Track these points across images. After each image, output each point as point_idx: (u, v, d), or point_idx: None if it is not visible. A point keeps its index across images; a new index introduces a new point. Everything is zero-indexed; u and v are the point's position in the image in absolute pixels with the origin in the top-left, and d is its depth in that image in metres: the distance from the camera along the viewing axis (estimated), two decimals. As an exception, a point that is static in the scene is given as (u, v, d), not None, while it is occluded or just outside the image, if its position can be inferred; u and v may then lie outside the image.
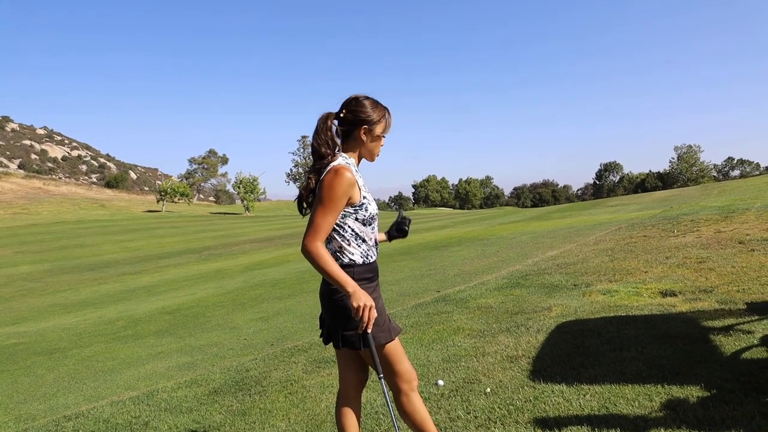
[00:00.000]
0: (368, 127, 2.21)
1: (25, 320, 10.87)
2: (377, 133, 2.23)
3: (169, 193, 63.99)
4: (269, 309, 8.45)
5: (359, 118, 2.21)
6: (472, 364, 3.89)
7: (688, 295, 5.02)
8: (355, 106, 2.22)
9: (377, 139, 2.25)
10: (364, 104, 2.22)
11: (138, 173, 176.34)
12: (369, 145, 2.25)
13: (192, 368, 5.41)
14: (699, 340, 3.70)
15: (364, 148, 2.25)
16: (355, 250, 2.18)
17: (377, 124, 2.23)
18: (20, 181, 68.68)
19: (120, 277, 16.58)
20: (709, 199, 19.01)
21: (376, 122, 2.22)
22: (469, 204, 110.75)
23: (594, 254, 8.21)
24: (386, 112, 2.26)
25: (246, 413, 3.64)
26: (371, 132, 2.22)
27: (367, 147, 2.26)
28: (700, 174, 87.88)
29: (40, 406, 4.90)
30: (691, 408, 2.72)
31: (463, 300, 6.24)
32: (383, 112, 2.25)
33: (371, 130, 2.22)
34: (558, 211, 28.68)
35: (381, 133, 2.25)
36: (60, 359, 6.89)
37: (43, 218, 47.32)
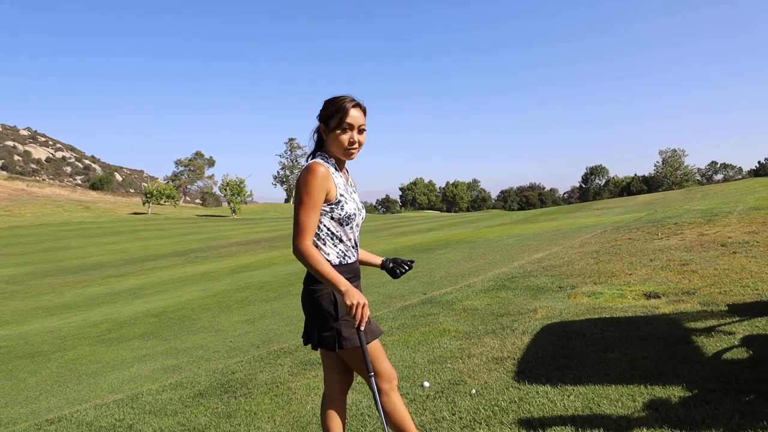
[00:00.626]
0: (323, 125, 2.22)
1: (6, 323, 10.71)
2: (332, 126, 2.19)
3: (155, 196, 63.43)
4: (255, 311, 8.41)
5: (318, 117, 2.24)
6: (457, 366, 3.90)
7: (671, 296, 5.09)
8: (321, 107, 2.25)
9: (335, 133, 2.18)
10: (324, 102, 2.23)
11: (123, 175, 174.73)
12: (330, 140, 2.21)
13: (177, 371, 5.37)
14: (681, 341, 3.75)
15: (330, 145, 2.22)
16: (330, 251, 2.19)
17: (331, 118, 2.19)
18: (3, 183, 67.73)
19: (105, 280, 16.40)
20: (693, 202, 19.27)
21: (329, 116, 2.19)
22: (456, 207, 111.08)
23: (579, 257, 8.28)
24: (344, 103, 2.18)
25: (231, 415, 3.62)
26: (327, 127, 2.21)
27: (330, 143, 2.22)
28: (684, 178, 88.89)
29: (22, 410, 4.83)
30: (673, 408, 2.76)
31: (449, 302, 6.26)
32: (339, 104, 2.18)
33: (327, 124, 2.21)
34: (544, 214, 28.88)
35: (337, 125, 2.17)
36: (43, 362, 6.80)
37: (26, 220, 46.69)
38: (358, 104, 2.21)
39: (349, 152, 2.22)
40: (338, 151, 2.22)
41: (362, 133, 2.23)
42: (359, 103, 2.22)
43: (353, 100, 2.21)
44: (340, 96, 2.21)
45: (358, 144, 2.21)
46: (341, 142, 2.19)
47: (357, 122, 2.20)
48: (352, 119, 2.18)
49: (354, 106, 2.19)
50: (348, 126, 2.18)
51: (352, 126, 2.19)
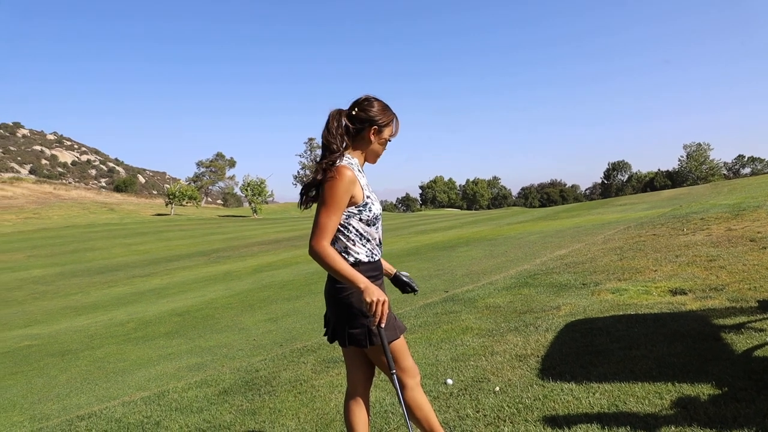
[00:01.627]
0: (377, 128, 2.24)
1: (37, 323, 10.98)
2: (385, 135, 2.27)
3: (177, 197, 64.32)
4: (278, 310, 8.49)
5: (370, 119, 2.22)
6: (480, 363, 3.89)
7: (699, 293, 4.99)
8: (366, 105, 2.24)
9: (384, 141, 2.29)
10: (375, 105, 2.24)
11: (146, 177, 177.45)
12: (375, 146, 2.28)
13: (202, 369, 5.44)
14: (710, 338, 3.68)
15: (371, 149, 2.28)
16: (360, 249, 2.20)
17: (386, 126, 2.26)
18: (31, 186, 69.33)
19: (130, 280, 16.70)
20: (720, 197, 18.87)
21: (385, 125, 2.25)
22: (476, 205, 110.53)
23: (602, 253, 8.17)
24: (395, 117, 2.29)
25: (256, 413, 3.66)
26: (380, 133, 2.25)
27: (373, 148, 2.28)
28: (709, 172, 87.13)
29: (54, 407, 4.95)
30: (702, 406, 2.71)
31: (471, 300, 6.24)
32: (392, 116, 2.28)
33: (380, 131, 2.25)
34: (566, 211, 28.57)
35: (388, 136, 2.28)
36: (72, 360, 6.95)
37: (54, 222, 47.75)
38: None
39: (377, 160, 2.36)
40: (371, 157, 2.32)
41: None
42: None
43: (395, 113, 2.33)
44: (389, 106, 2.30)
45: None
46: (380, 150, 2.32)
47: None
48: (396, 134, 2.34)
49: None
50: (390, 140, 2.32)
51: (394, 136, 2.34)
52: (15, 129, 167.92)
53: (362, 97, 2.26)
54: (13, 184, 68.61)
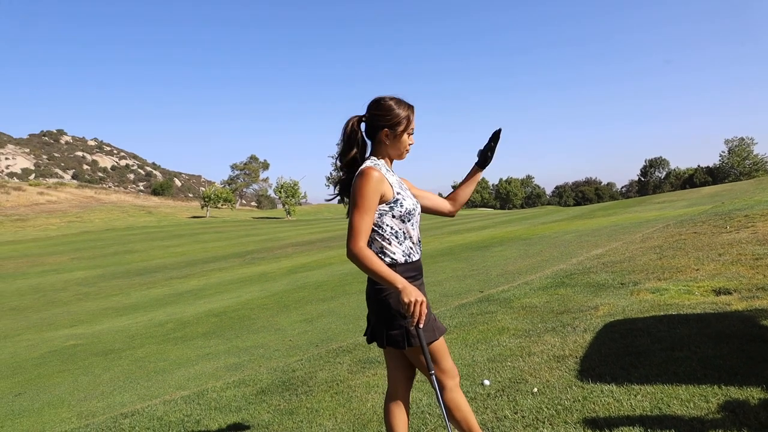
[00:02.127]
0: (389, 130, 2.23)
1: (81, 323, 11.34)
2: (400, 130, 2.24)
3: (212, 199, 65.52)
4: (313, 311, 8.56)
5: (380, 122, 2.23)
6: (518, 364, 3.84)
7: (744, 293, 4.82)
8: (375, 109, 2.25)
9: (400, 138, 2.25)
10: (384, 106, 2.23)
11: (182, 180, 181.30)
12: (394, 145, 2.26)
13: (239, 369, 5.53)
14: (758, 340, 3.55)
15: (390, 149, 2.27)
16: (396, 249, 2.20)
17: (398, 125, 2.23)
18: (74, 191, 71.63)
19: (168, 282, 17.09)
20: (765, 193, 18.20)
21: (397, 123, 2.23)
22: (509, 204, 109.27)
23: (641, 252, 7.98)
24: (410, 111, 2.26)
25: (293, 412, 3.70)
26: (393, 133, 2.24)
27: (392, 147, 2.27)
28: (753, 167, 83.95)
29: (99, 404, 5.10)
30: (753, 410, 2.62)
31: (506, 300, 6.17)
32: (406, 111, 2.24)
33: (393, 131, 2.24)
34: (602, 209, 27.98)
35: (405, 129, 2.25)
36: (115, 360, 7.15)
37: (95, 226, 49.24)
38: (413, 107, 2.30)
39: (407, 152, 2.32)
40: (395, 155, 2.29)
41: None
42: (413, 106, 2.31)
43: (410, 103, 2.29)
44: (393, 98, 2.26)
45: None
46: (404, 144, 2.28)
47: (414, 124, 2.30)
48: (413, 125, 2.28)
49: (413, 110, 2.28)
50: (412, 130, 2.28)
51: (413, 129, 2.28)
52: (58, 136, 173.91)
53: (373, 100, 2.28)
54: (57, 189, 71.07)
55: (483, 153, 2.48)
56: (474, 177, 2.53)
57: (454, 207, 2.53)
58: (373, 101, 2.27)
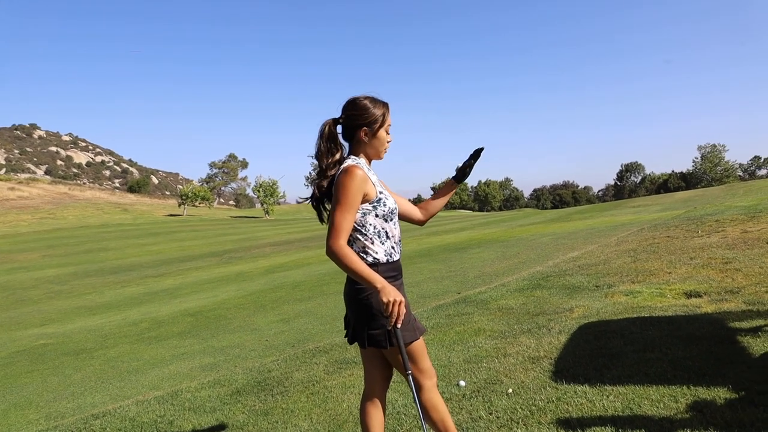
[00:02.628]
0: (367, 128, 2.23)
1: (52, 322, 11.10)
2: (376, 129, 2.24)
3: (190, 197, 64.71)
4: (290, 311, 8.51)
5: (357, 122, 2.23)
6: (493, 365, 3.88)
7: (714, 296, 4.94)
8: (352, 109, 2.24)
9: (378, 137, 2.25)
10: (360, 106, 2.23)
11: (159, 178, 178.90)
12: (372, 144, 2.26)
13: (215, 369, 5.47)
14: (726, 342, 3.64)
15: (369, 147, 2.27)
16: (378, 248, 2.20)
17: (375, 122, 2.23)
18: (47, 187, 70.16)
19: (143, 280, 16.84)
20: (735, 198, 18.65)
21: (374, 121, 2.23)
22: (488, 206, 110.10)
23: (616, 255, 8.11)
24: (385, 109, 2.26)
25: (268, 413, 3.67)
26: (371, 132, 2.24)
27: (371, 146, 2.27)
28: (724, 174, 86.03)
29: (69, 405, 5.00)
30: (719, 410, 2.68)
31: (483, 301, 6.22)
32: (381, 109, 2.24)
33: (371, 130, 2.23)
34: (578, 213, 28.37)
35: (380, 127, 2.24)
36: (86, 359, 7.02)
37: (68, 222, 48.28)
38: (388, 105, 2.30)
39: (385, 151, 2.31)
40: (373, 154, 2.28)
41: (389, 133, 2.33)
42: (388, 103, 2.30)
43: (384, 101, 2.28)
44: (368, 97, 2.25)
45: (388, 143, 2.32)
46: (382, 142, 2.27)
47: (391, 122, 2.30)
48: (390, 120, 2.28)
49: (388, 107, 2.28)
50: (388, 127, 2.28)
51: (389, 126, 2.28)
52: (31, 130, 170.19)
53: (348, 100, 2.27)
54: (29, 184, 69.49)
55: (462, 168, 2.49)
56: (449, 190, 2.53)
57: (425, 216, 2.52)
58: (348, 102, 2.27)
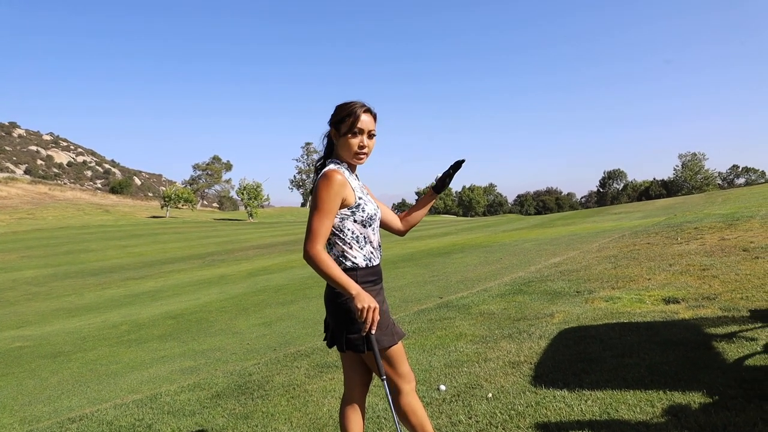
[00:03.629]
0: (334, 128, 2.24)
1: (29, 324, 10.92)
2: (343, 131, 2.21)
3: (173, 199, 64.11)
4: (272, 314, 8.47)
5: (329, 122, 2.26)
6: (474, 370, 3.90)
7: (691, 302, 5.02)
8: (332, 113, 2.27)
9: (345, 137, 2.20)
10: (337, 107, 2.25)
11: (142, 179, 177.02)
12: (341, 145, 2.23)
13: (195, 372, 5.42)
14: (701, 347, 3.70)
15: (340, 149, 2.24)
16: (357, 253, 2.20)
17: (341, 122, 2.21)
18: (26, 187, 69.04)
19: (124, 282, 16.64)
20: (714, 206, 18.97)
21: (340, 121, 2.21)
22: (472, 211, 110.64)
23: (597, 261, 8.20)
24: (355, 107, 2.20)
25: (248, 417, 3.65)
26: (338, 130, 2.22)
27: (341, 147, 2.23)
28: (704, 182, 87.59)
29: (45, 409, 4.92)
30: (693, 414, 2.73)
31: (465, 306, 6.25)
32: (350, 109, 2.20)
33: (338, 129, 2.23)
34: (561, 219, 28.65)
35: (346, 131, 2.19)
36: (64, 362, 6.91)
37: (48, 223, 47.53)
38: (368, 109, 2.24)
39: (359, 157, 2.24)
40: (348, 156, 2.24)
41: (372, 138, 2.26)
42: (370, 108, 2.25)
43: (364, 105, 2.24)
44: (351, 101, 2.24)
45: (367, 149, 2.24)
46: (351, 146, 2.21)
47: (367, 127, 2.22)
48: (363, 124, 2.20)
49: (365, 111, 2.22)
50: (358, 130, 2.20)
51: (362, 130, 2.21)
52: (11, 129, 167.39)
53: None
54: (7, 184, 68.31)
55: (441, 179, 2.49)
56: (429, 200, 2.53)
57: (405, 227, 2.52)
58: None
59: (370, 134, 2.24)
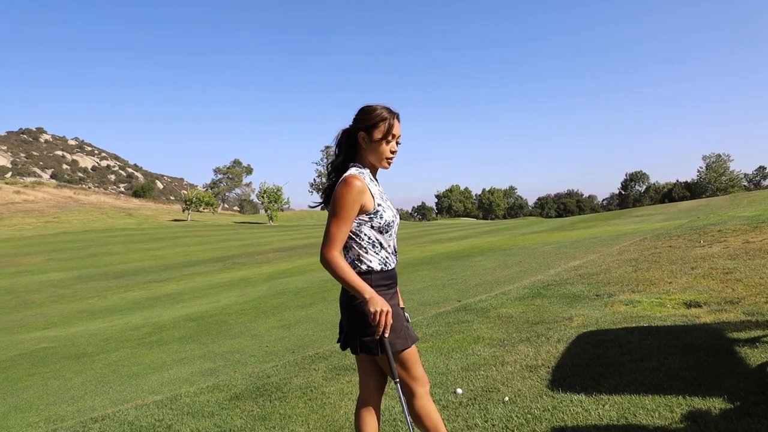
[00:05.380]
0: (365, 132, 2.23)
1: (54, 325, 11.15)
2: (376, 137, 2.21)
3: (194, 203, 64.92)
4: (291, 317, 8.53)
5: (357, 126, 2.25)
6: (491, 373, 3.88)
7: (714, 306, 4.93)
8: (357, 115, 2.26)
9: (378, 143, 2.21)
10: (364, 110, 2.24)
11: (164, 183, 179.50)
12: (371, 149, 2.23)
13: (214, 374, 5.49)
14: (723, 352, 3.64)
15: (369, 154, 2.24)
16: (373, 258, 2.22)
17: (374, 128, 2.20)
18: (52, 191, 70.47)
19: (146, 285, 16.89)
20: (738, 209, 18.59)
21: (372, 126, 2.21)
22: (492, 214, 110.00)
23: (617, 264, 8.10)
24: (388, 115, 2.22)
25: (266, 418, 3.69)
26: (369, 136, 2.22)
27: (370, 152, 2.24)
28: (729, 184, 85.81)
29: (69, 408, 5.02)
30: (714, 420, 2.68)
31: (483, 309, 6.22)
32: (383, 116, 2.21)
33: (369, 134, 2.22)
34: (582, 222, 28.33)
35: (381, 137, 2.21)
36: (87, 363, 7.05)
37: (73, 227, 48.46)
38: (398, 115, 2.26)
39: (389, 161, 2.27)
40: (377, 161, 2.25)
41: (398, 144, 2.28)
42: (398, 114, 2.27)
43: (394, 111, 2.25)
44: (380, 105, 2.25)
45: (396, 154, 2.27)
46: (384, 152, 2.23)
47: (398, 133, 2.25)
48: (396, 130, 2.23)
49: (396, 117, 2.24)
50: (392, 136, 2.23)
51: (394, 136, 2.24)
52: (38, 134, 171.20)
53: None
54: (34, 188, 69.83)
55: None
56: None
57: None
58: (358, 110, 2.28)
59: (397, 141, 2.27)
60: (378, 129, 2.21)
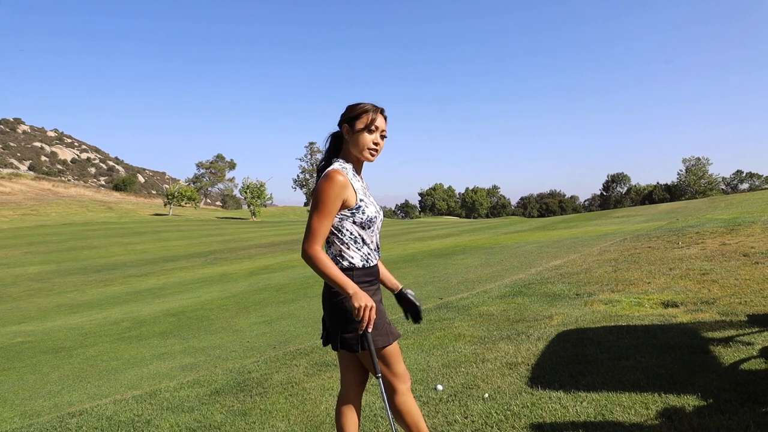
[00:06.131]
0: (347, 125, 2.25)
1: (31, 319, 10.97)
2: (358, 127, 2.22)
3: (176, 197, 64.33)
4: (273, 313, 8.50)
5: (342, 119, 2.28)
6: (471, 370, 3.92)
7: (690, 306, 5.03)
8: (344, 111, 2.29)
9: (360, 133, 2.22)
10: (350, 106, 2.27)
11: (146, 177, 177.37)
12: (353, 141, 2.23)
13: (195, 369, 5.46)
14: (698, 351, 3.71)
15: (352, 146, 2.25)
16: (354, 254, 2.22)
17: (357, 119, 2.22)
18: (30, 183, 69.24)
19: (126, 279, 16.70)
20: (716, 211, 18.93)
21: (355, 117, 2.23)
22: (475, 213, 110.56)
23: (597, 264, 8.21)
24: (371, 108, 2.24)
25: (246, 413, 3.68)
26: (352, 128, 2.23)
27: (353, 144, 2.24)
28: (708, 187, 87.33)
29: (45, 403, 4.96)
30: (687, 417, 2.74)
31: (465, 307, 6.27)
32: (366, 108, 2.23)
33: (351, 125, 2.24)
34: (564, 222, 28.63)
35: (362, 127, 2.21)
36: (65, 358, 6.95)
37: (51, 219, 47.68)
38: (382, 111, 2.29)
39: (371, 153, 2.26)
40: (360, 152, 2.24)
41: (383, 139, 2.29)
42: (383, 110, 2.29)
43: (378, 106, 2.28)
44: (363, 102, 2.28)
45: (379, 147, 2.27)
46: (366, 142, 2.23)
47: (381, 126, 2.27)
48: (379, 122, 2.25)
49: (380, 112, 2.26)
50: (375, 128, 2.24)
51: (377, 128, 2.25)
52: (15, 125, 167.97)
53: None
54: (11, 180, 68.53)
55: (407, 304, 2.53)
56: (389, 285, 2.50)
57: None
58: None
59: (382, 134, 2.27)
60: (360, 120, 2.23)
